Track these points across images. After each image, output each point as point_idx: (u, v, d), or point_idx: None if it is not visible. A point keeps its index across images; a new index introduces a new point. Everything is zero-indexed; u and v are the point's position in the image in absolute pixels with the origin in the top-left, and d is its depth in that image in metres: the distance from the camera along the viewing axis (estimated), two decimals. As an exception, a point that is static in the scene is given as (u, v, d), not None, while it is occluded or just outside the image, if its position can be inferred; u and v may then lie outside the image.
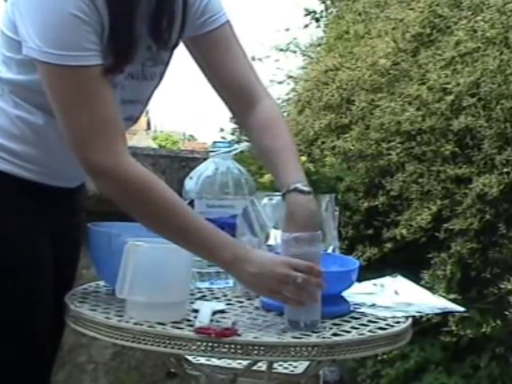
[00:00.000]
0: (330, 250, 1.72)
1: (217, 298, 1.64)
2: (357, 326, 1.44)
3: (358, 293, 1.63)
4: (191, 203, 1.73)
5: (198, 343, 1.31)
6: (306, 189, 1.46)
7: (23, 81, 1.42)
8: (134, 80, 1.49)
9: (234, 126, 5.97)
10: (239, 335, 1.32)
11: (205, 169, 1.79)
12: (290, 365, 1.87)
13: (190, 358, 1.62)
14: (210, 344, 1.30)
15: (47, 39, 1.32)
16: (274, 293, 1.40)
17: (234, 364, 1.81)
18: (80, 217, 1.66)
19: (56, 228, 1.53)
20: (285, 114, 5.01)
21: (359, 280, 1.60)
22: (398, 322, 1.49)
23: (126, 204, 1.41)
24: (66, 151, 1.40)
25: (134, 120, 1.56)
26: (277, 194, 1.73)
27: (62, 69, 1.33)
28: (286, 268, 1.38)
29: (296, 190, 1.46)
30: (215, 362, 1.83)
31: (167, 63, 1.55)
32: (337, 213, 1.76)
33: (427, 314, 2.14)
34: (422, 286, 1.96)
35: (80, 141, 1.36)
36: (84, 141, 1.36)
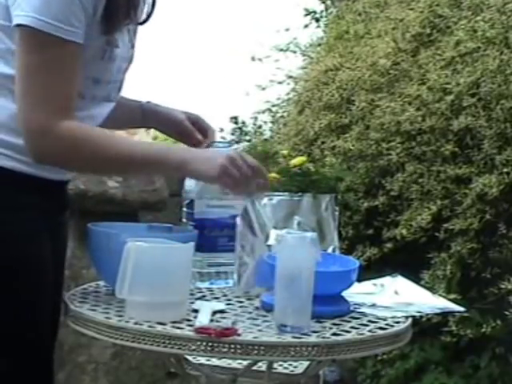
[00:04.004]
0: (329, 250, 1.72)
1: (217, 298, 1.63)
2: (357, 326, 1.44)
3: (358, 293, 1.63)
4: (191, 203, 1.73)
5: (198, 343, 1.31)
6: None
7: None
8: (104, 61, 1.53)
9: (233, 126, 5.97)
10: (239, 335, 1.32)
11: (205, 169, 1.79)
12: (290, 365, 1.87)
13: (190, 358, 1.62)
14: (210, 344, 1.30)
15: (43, 9, 1.37)
16: (223, 173, 1.47)
17: (234, 364, 1.81)
18: (67, 214, 1.67)
19: (52, 223, 1.54)
20: (285, 113, 5.01)
21: (359, 280, 1.60)
22: (397, 322, 1.49)
23: (67, 160, 1.46)
24: None
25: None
26: (276, 193, 1.73)
27: (52, 39, 1.38)
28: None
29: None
30: (215, 361, 1.82)
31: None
32: (337, 213, 1.76)
33: (427, 314, 2.14)
34: (422, 286, 1.96)
35: (35, 105, 1.41)
36: (37, 104, 1.41)
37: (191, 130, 1.74)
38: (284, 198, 1.72)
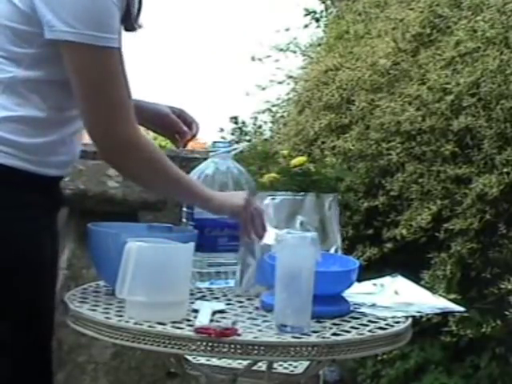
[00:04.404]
0: (332, 250, 1.71)
1: (217, 298, 1.64)
2: (357, 326, 1.44)
3: (358, 293, 1.63)
4: (191, 203, 1.73)
5: (198, 343, 1.31)
6: None
7: (33, 76, 1.44)
8: None
9: (233, 126, 5.97)
10: (239, 335, 1.32)
11: (205, 168, 1.79)
12: (290, 365, 1.87)
13: (190, 358, 1.62)
14: (210, 344, 1.30)
15: (88, 22, 1.38)
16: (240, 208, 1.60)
17: (234, 364, 1.81)
18: (63, 211, 1.67)
19: (51, 221, 1.54)
20: (285, 113, 5.01)
21: (359, 280, 1.60)
22: (397, 322, 1.49)
23: (141, 172, 1.52)
24: (66, 136, 1.49)
25: None
26: (278, 193, 1.73)
27: (100, 50, 1.40)
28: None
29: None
30: (215, 362, 1.83)
31: None
32: (337, 213, 1.76)
33: (427, 314, 2.14)
34: (422, 286, 1.96)
35: (108, 117, 1.45)
36: (112, 116, 1.45)
37: (177, 122, 1.78)
38: (287, 198, 1.72)
